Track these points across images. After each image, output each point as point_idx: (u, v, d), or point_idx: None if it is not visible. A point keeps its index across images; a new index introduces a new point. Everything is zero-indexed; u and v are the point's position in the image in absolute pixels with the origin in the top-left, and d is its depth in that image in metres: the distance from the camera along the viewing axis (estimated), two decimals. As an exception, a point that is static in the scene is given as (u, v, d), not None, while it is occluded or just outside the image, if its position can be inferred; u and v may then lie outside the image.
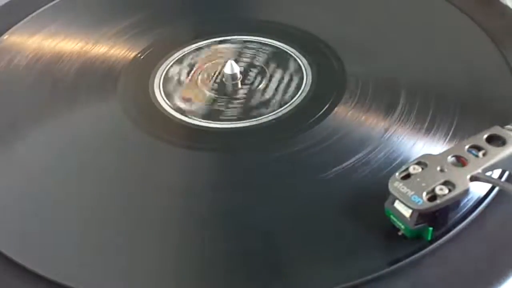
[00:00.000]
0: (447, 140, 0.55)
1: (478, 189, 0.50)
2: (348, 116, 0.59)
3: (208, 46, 0.70)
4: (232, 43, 0.70)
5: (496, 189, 0.50)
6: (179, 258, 0.49)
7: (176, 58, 0.68)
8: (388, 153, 0.54)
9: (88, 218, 0.52)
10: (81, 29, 0.74)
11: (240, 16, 0.76)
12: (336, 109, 0.60)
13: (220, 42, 0.70)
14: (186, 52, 0.69)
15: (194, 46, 0.70)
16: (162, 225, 0.51)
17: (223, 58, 0.67)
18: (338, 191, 0.52)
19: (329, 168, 0.54)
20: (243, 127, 0.59)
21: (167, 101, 0.62)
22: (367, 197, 0.50)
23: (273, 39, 0.70)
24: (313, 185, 0.53)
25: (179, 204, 0.53)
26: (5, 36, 0.73)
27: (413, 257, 0.46)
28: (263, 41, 0.70)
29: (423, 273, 0.46)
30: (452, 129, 0.56)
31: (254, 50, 0.69)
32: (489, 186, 0.50)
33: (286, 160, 0.55)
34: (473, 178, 0.45)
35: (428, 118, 0.58)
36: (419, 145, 0.56)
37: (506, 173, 0.51)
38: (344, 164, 0.54)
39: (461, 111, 0.58)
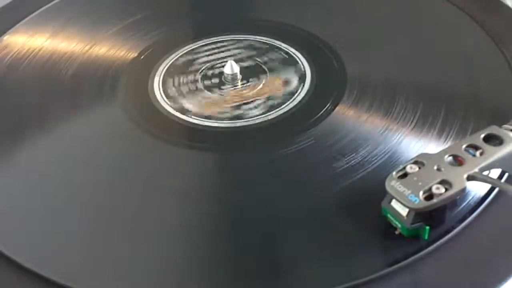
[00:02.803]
0: (446, 139, 0.55)
1: (478, 190, 0.50)
2: (348, 116, 0.59)
3: (207, 45, 0.70)
4: (232, 42, 0.70)
5: (496, 189, 0.50)
6: (179, 257, 0.49)
7: (176, 58, 0.68)
8: (387, 152, 0.54)
9: (88, 218, 0.52)
10: (81, 29, 0.74)
11: (239, 16, 0.76)
12: (336, 109, 0.60)
13: (220, 41, 0.70)
14: (186, 52, 0.69)
15: (193, 46, 0.70)
16: (162, 225, 0.51)
17: (223, 57, 0.67)
18: (337, 191, 0.52)
19: (329, 168, 0.54)
20: (243, 126, 0.59)
21: (167, 100, 0.62)
22: (367, 196, 0.50)
23: (273, 39, 0.70)
24: (312, 185, 0.53)
25: (179, 204, 0.53)
26: (5, 36, 0.74)
27: (413, 257, 0.46)
28: (263, 41, 0.70)
29: (423, 273, 0.45)
30: (452, 128, 0.56)
31: (254, 50, 0.69)
32: (489, 186, 0.50)
33: (286, 160, 0.55)
34: (470, 178, 0.45)
35: (427, 118, 0.58)
36: (419, 145, 0.56)
37: (506, 174, 0.51)
38: (344, 164, 0.54)
39: (461, 111, 0.58)
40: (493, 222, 0.49)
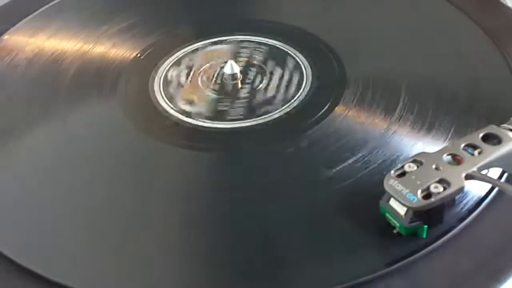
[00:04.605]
0: (446, 139, 0.55)
1: (478, 189, 0.50)
2: (347, 116, 0.59)
3: (208, 46, 0.70)
4: (232, 43, 0.70)
5: (496, 189, 0.50)
6: (179, 258, 0.49)
7: (176, 58, 0.68)
8: (386, 152, 0.54)
9: (88, 218, 0.52)
10: (81, 29, 0.74)
11: (240, 16, 0.76)
12: (335, 109, 0.60)
13: (220, 42, 0.70)
14: (186, 52, 0.69)
15: (194, 46, 0.70)
16: (162, 225, 0.51)
17: (223, 58, 0.67)
18: (337, 191, 0.52)
19: (329, 168, 0.54)
20: (243, 127, 0.59)
21: (167, 101, 0.62)
22: (365, 196, 0.50)
23: (273, 39, 0.70)
24: (313, 185, 0.53)
25: (179, 204, 0.53)
26: (5, 36, 0.74)
27: (412, 257, 0.46)
28: (263, 41, 0.70)
29: (422, 272, 0.45)
30: (452, 128, 0.56)
31: (253, 50, 0.69)
32: (489, 186, 0.50)
33: (286, 160, 0.56)
34: (468, 177, 0.45)
35: (427, 118, 0.58)
36: (419, 145, 0.56)
37: (506, 173, 0.51)
38: (343, 164, 0.54)
39: (461, 110, 0.58)
40: (493, 222, 0.49)
